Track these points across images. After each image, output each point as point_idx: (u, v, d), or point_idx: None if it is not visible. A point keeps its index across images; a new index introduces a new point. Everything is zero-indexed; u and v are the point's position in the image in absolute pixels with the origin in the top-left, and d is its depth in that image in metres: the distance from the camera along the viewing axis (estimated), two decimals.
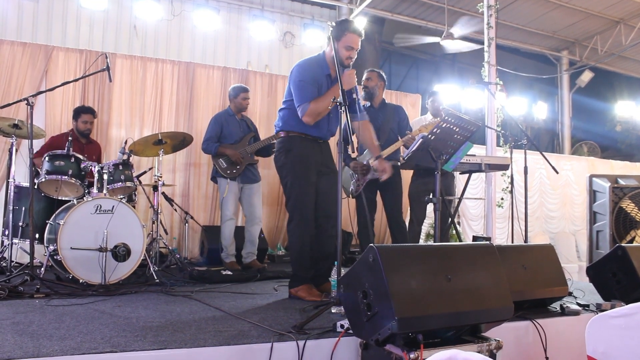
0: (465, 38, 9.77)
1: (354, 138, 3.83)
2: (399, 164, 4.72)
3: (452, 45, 9.75)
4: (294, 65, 3.79)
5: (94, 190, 4.39)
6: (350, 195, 5.07)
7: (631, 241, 5.46)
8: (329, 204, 3.79)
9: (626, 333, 1.68)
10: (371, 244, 2.21)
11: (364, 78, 5.15)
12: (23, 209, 4.63)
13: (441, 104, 5.76)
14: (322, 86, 3.69)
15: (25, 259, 4.31)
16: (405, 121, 5.24)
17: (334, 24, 3.69)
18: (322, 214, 3.83)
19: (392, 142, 4.98)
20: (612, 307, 3.35)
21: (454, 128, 3.25)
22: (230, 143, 5.53)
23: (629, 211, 5.53)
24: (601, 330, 1.75)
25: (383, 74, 5.25)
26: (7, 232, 4.57)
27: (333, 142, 3.91)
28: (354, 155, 4.97)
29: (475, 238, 6.16)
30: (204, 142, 5.53)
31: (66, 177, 4.40)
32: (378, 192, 5.14)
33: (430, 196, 3.39)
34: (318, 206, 3.83)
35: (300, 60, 3.82)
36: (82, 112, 5.39)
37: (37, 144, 5.16)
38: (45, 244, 4.20)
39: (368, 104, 5.14)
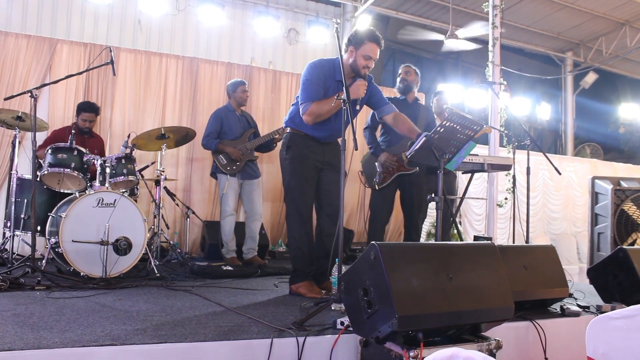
0: (469, 37, 9.74)
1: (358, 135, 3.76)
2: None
3: (454, 44, 9.72)
4: (306, 66, 3.72)
5: (96, 183, 4.40)
6: (376, 187, 4.77)
7: (632, 244, 5.46)
8: (332, 202, 3.80)
9: (627, 335, 1.68)
10: (373, 242, 2.22)
11: (402, 72, 5.01)
12: (25, 201, 4.64)
13: (445, 103, 5.77)
14: (329, 89, 3.62)
15: (27, 251, 4.32)
16: (433, 124, 4.94)
17: (339, 21, 3.66)
18: (324, 212, 3.83)
19: None
20: (613, 309, 3.34)
21: (457, 127, 3.24)
22: (230, 139, 5.53)
23: (630, 214, 5.52)
24: (602, 331, 1.75)
25: (419, 72, 5.11)
26: (9, 224, 4.58)
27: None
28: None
29: (476, 238, 6.17)
30: (204, 138, 5.53)
31: (69, 170, 4.40)
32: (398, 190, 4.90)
33: (432, 195, 3.38)
34: (320, 204, 3.84)
35: (314, 60, 3.76)
36: (84, 110, 5.37)
37: (40, 137, 5.17)
38: (46, 237, 4.22)
39: (402, 97, 4.99)
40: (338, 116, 3.61)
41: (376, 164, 4.79)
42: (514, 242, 5.83)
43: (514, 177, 5.46)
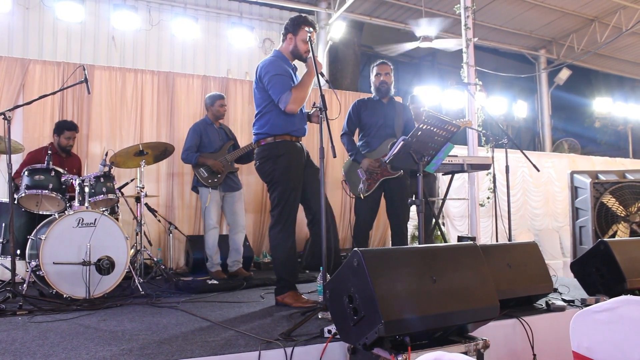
0: (441, 37, 9.82)
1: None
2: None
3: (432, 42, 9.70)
4: (260, 67, 3.76)
5: (76, 203, 4.34)
6: (362, 195, 4.55)
7: (613, 235, 5.53)
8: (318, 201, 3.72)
9: (609, 327, 1.69)
10: (355, 248, 2.22)
11: (387, 72, 4.71)
12: (3, 225, 4.55)
13: (422, 106, 5.79)
14: (292, 78, 3.73)
15: (7, 276, 4.24)
16: (411, 122, 4.76)
17: (312, 30, 3.70)
18: (316, 210, 3.72)
19: None
20: (597, 301, 3.36)
21: (434, 129, 3.26)
22: (209, 152, 5.50)
23: (610, 206, 5.60)
24: (585, 325, 1.76)
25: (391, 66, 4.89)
26: None
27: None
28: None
29: (460, 238, 6.20)
30: (184, 152, 5.49)
31: (47, 191, 4.34)
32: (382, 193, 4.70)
33: (413, 198, 3.39)
34: (309, 205, 3.80)
35: (263, 61, 3.79)
36: (66, 128, 5.32)
37: (15, 159, 5.09)
38: (27, 260, 4.15)
39: (376, 97, 4.76)
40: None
41: (358, 171, 4.57)
42: (497, 241, 5.87)
43: (493, 176, 5.50)
